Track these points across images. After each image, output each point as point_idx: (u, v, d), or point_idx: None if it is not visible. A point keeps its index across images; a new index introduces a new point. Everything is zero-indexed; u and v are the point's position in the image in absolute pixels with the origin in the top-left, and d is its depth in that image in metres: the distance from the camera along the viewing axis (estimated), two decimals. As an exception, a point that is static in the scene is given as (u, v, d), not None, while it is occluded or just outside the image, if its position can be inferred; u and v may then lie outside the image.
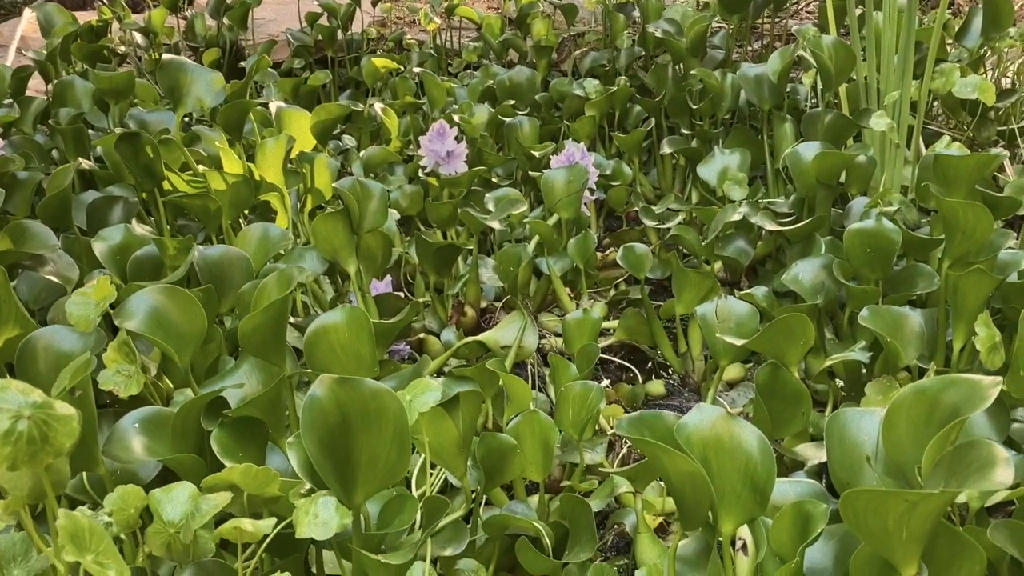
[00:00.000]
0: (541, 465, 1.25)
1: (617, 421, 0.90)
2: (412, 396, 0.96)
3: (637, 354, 1.80)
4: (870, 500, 0.67)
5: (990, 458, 0.69)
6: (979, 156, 1.49)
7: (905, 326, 1.33)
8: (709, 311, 1.41)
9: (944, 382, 0.83)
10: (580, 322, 1.49)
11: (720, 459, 0.89)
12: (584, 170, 1.79)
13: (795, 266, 1.61)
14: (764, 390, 1.24)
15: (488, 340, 1.51)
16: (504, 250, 1.63)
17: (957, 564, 0.76)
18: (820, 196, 1.77)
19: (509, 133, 2.20)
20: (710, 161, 2.01)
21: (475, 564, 1.14)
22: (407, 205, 1.97)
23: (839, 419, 0.94)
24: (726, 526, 0.89)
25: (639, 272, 1.68)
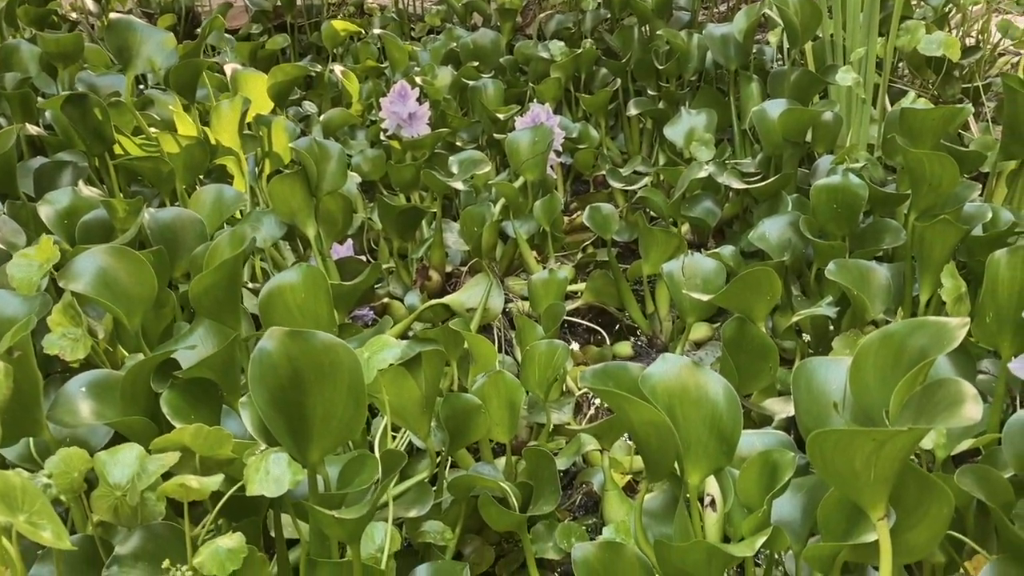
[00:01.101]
0: (507, 426, 1.23)
1: (581, 373, 0.88)
2: (370, 353, 0.93)
3: (605, 316, 1.78)
4: (838, 440, 0.66)
5: (959, 395, 0.68)
6: (945, 109, 1.48)
7: (872, 280, 1.32)
8: (675, 268, 1.39)
9: (911, 325, 0.82)
10: (546, 282, 1.46)
11: (686, 409, 0.87)
12: (549, 130, 1.75)
13: (762, 224, 1.59)
14: (730, 344, 1.23)
15: (453, 303, 1.48)
16: (468, 210, 1.60)
17: (925, 507, 0.75)
18: (787, 154, 1.75)
19: (473, 96, 2.16)
20: (676, 122, 1.99)
21: (440, 526, 1.12)
22: (369, 169, 1.93)
23: (806, 368, 0.92)
24: (693, 477, 0.88)
25: (605, 232, 1.66)
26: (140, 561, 0.76)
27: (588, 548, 0.89)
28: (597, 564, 0.89)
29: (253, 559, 0.75)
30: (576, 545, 0.88)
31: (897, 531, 0.77)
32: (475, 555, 1.20)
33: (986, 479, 0.90)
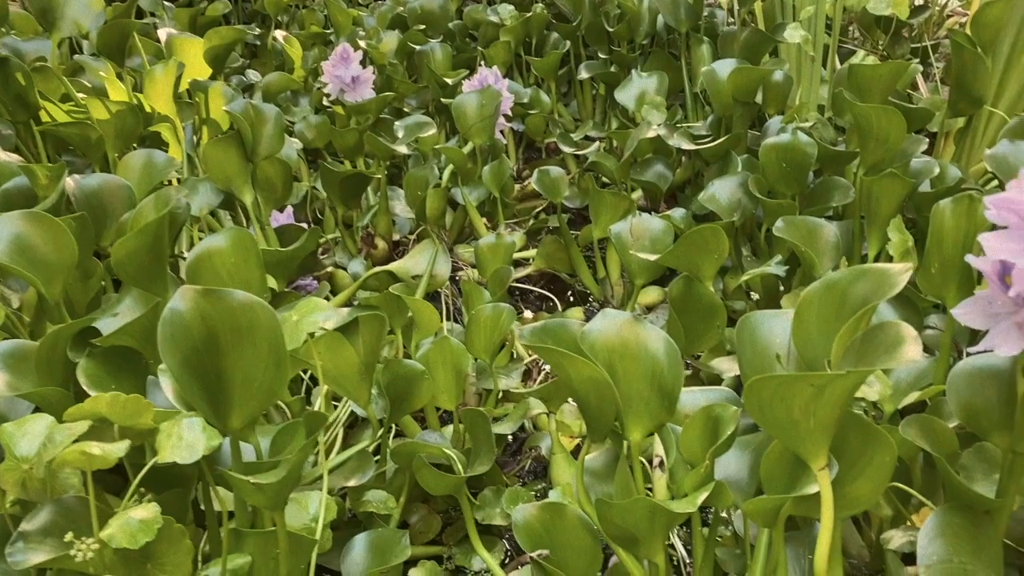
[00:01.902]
0: (453, 393, 1.20)
1: (520, 331, 0.85)
2: (299, 317, 0.89)
3: (557, 283, 1.75)
4: (776, 387, 0.63)
5: (898, 337, 0.66)
6: (892, 64, 1.47)
7: (820, 236, 1.30)
8: (624, 229, 1.36)
9: (854, 273, 0.80)
10: (493, 247, 1.43)
11: (626, 365, 0.85)
12: (496, 93, 1.71)
13: (712, 185, 1.57)
14: (677, 303, 1.20)
15: (398, 270, 1.44)
16: (410, 173, 1.55)
17: (867, 457, 0.74)
18: (737, 114, 1.73)
19: (421, 60, 2.10)
20: (627, 86, 1.96)
21: (384, 495, 1.09)
22: (313, 136, 1.87)
23: (750, 322, 0.90)
24: (634, 434, 0.85)
25: (555, 196, 1.63)
26: (49, 536, 0.72)
27: (528, 511, 0.87)
28: (538, 526, 0.87)
29: (170, 531, 0.71)
30: (517, 508, 0.86)
31: (840, 483, 0.76)
32: (421, 523, 1.17)
33: (931, 430, 0.89)
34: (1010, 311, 0.74)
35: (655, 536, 0.82)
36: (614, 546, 0.85)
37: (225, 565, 0.75)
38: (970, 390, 0.88)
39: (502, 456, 1.32)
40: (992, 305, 0.75)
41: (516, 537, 0.85)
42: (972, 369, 0.88)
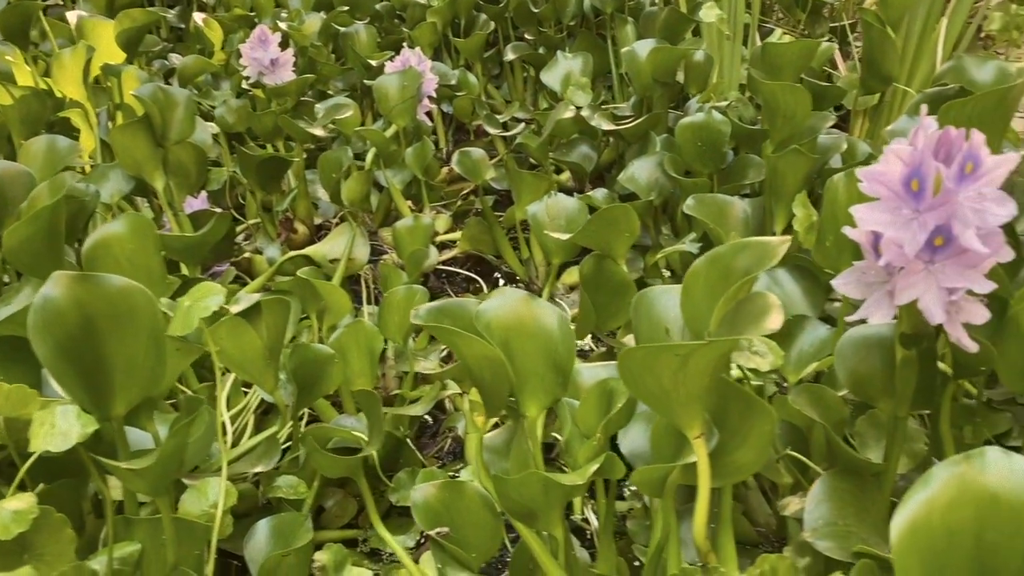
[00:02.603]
0: (369, 376, 1.20)
1: (414, 310, 0.85)
2: (192, 301, 0.87)
3: (484, 265, 1.76)
4: (643, 358, 0.64)
5: (764, 307, 0.67)
6: (804, 42, 1.50)
7: (729, 213, 1.32)
8: (540, 210, 1.37)
9: (737, 247, 0.82)
10: (411, 229, 1.42)
11: (522, 342, 0.85)
12: (417, 74, 1.70)
13: (631, 165, 1.59)
14: (589, 282, 1.22)
15: (315, 254, 1.43)
16: (324, 155, 1.54)
17: (748, 426, 0.75)
18: (657, 94, 1.75)
19: (345, 42, 2.08)
20: (553, 67, 1.96)
21: (294, 480, 1.08)
22: (234, 120, 1.84)
23: (645, 297, 0.92)
24: (531, 410, 0.86)
25: (476, 177, 1.62)
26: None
27: (427, 490, 0.87)
28: (437, 505, 0.87)
29: (49, 521, 0.70)
30: (415, 488, 0.86)
31: (723, 452, 0.77)
32: (337, 507, 1.17)
33: (820, 398, 0.91)
34: (883, 280, 0.77)
35: (552, 509, 0.83)
36: (514, 521, 0.86)
37: (112, 553, 0.74)
38: (856, 359, 0.90)
39: (422, 438, 1.32)
40: (867, 275, 0.78)
41: (415, 517, 0.86)
42: (858, 338, 0.91)
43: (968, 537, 0.54)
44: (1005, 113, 1.12)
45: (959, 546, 0.55)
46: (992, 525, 0.54)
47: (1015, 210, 0.71)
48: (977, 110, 1.10)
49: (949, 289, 0.74)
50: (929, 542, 0.55)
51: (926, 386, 0.86)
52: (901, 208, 0.74)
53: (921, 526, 0.55)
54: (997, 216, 0.72)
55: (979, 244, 0.71)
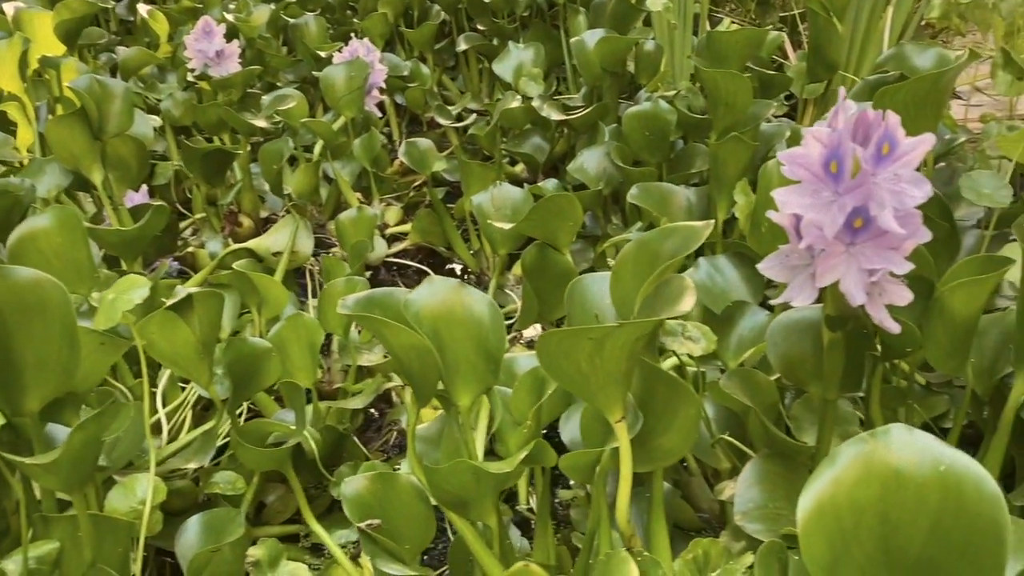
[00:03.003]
0: (309, 369, 1.19)
1: (342, 301, 0.84)
2: (116, 294, 0.86)
3: (435, 257, 1.75)
4: (560, 342, 0.64)
5: (679, 290, 0.67)
6: (748, 31, 1.50)
7: (673, 202, 1.33)
8: (485, 200, 1.36)
9: (664, 232, 0.82)
10: (355, 220, 1.41)
11: (453, 330, 0.85)
12: (365, 65, 1.68)
13: (581, 155, 1.59)
14: (531, 271, 1.21)
15: (257, 247, 1.41)
16: (265, 147, 1.52)
17: (673, 410, 0.76)
18: (606, 84, 1.74)
19: (294, 33, 2.05)
20: (505, 58, 1.95)
21: (232, 476, 1.06)
22: (180, 113, 1.81)
23: (579, 284, 0.92)
24: (463, 399, 0.85)
25: (424, 168, 1.61)
26: None
27: (358, 482, 0.86)
28: (369, 497, 0.86)
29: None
30: (346, 481, 0.85)
31: (649, 436, 0.77)
32: (279, 502, 1.16)
33: (753, 383, 0.92)
34: (806, 263, 0.77)
35: (484, 499, 0.82)
36: (446, 511, 0.85)
37: (27, 552, 0.72)
38: (787, 343, 0.91)
39: (367, 432, 1.31)
40: (790, 258, 0.78)
41: (345, 510, 0.85)
42: (789, 322, 0.91)
43: (874, 515, 0.55)
44: (939, 97, 1.13)
45: (865, 524, 0.55)
46: (897, 502, 0.54)
47: (931, 191, 0.72)
48: (911, 95, 1.11)
49: (869, 270, 0.74)
50: (835, 520, 0.55)
51: (855, 368, 0.86)
52: (821, 190, 0.74)
53: (827, 504, 0.55)
54: (914, 197, 0.72)
55: (896, 225, 0.71)
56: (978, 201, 1.14)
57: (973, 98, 1.92)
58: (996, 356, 0.94)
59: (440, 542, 1.12)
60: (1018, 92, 1.62)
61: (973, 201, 1.14)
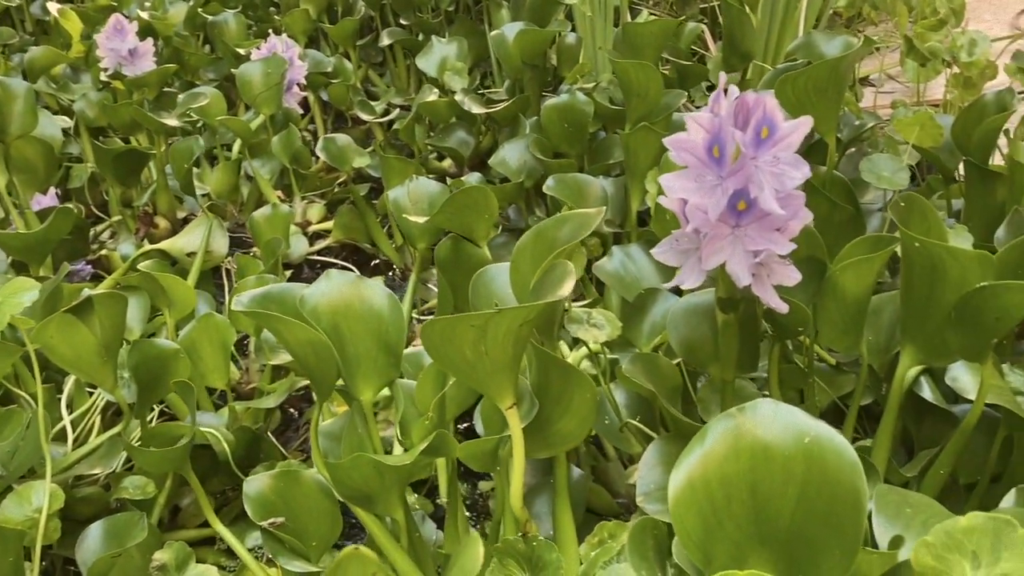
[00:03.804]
0: (222, 370, 1.17)
1: (236, 298, 0.83)
2: (3, 298, 0.83)
3: (360, 254, 1.73)
4: (442, 330, 0.64)
5: (562, 275, 0.68)
6: (661, 22, 1.52)
7: (589, 192, 1.34)
8: (401, 194, 1.36)
9: (560, 220, 0.82)
10: (268, 218, 1.39)
11: (352, 324, 0.84)
12: (282, 61, 1.66)
13: (502, 148, 1.59)
14: (445, 265, 1.21)
15: (170, 248, 1.38)
16: (175, 145, 1.49)
17: (569, 395, 0.76)
18: (527, 77, 1.75)
19: (213, 31, 2.02)
20: (428, 52, 1.94)
21: (142, 480, 1.04)
22: (95, 114, 1.76)
23: (483, 275, 0.92)
24: (365, 393, 0.85)
25: (343, 164, 1.60)
26: None
27: (261, 480, 0.85)
28: (272, 495, 0.86)
29: None
30: (248, 480, 0.84)
31: (547, 422, 0.78)
32: (194, 506, 1.14)
33: (655, 367, 0.93)
34: (696, 247, 0.78)
35: (389, 492, 0.82)
36: (352, 506, 0.85)
37: (-94, 567, 0.70)
38: (688, 327, 0.92)
39: (287, 432, 1.30)
40: (680, 243, 0.79)
41: (247, 509, 0.84)
42: (688, 307, 0.93)
43: (744, 489, 0.56)
44: (839, 84, 1.16)
45: (736, 498, 0.56)
46: (766, 475, 0.56)
47: (809, 172, 0.73)
48: (811, 81, 1.13)
49: (754, 252, 0.76)
50: (707, 495, 0.56)
51: (751, 349, 0.88)
52: (705, 175, 0.75)
53: (698, 480, 0.56)
54: (793, 178, 0.74)
55: (776, 206, 0.72)
56: (878, 184, 1.17)
57: (886, 85, 1.97)
58: (891, 333, 0.97)
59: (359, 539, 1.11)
60: (925, 78, 1.68)
61: (873, 184, 1.17)
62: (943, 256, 0.74)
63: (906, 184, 1.16)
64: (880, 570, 0.59)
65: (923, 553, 0.47)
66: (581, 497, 0.98)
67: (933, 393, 0.93)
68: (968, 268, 0.73)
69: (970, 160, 1.12)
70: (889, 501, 0.67)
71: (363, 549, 0.74)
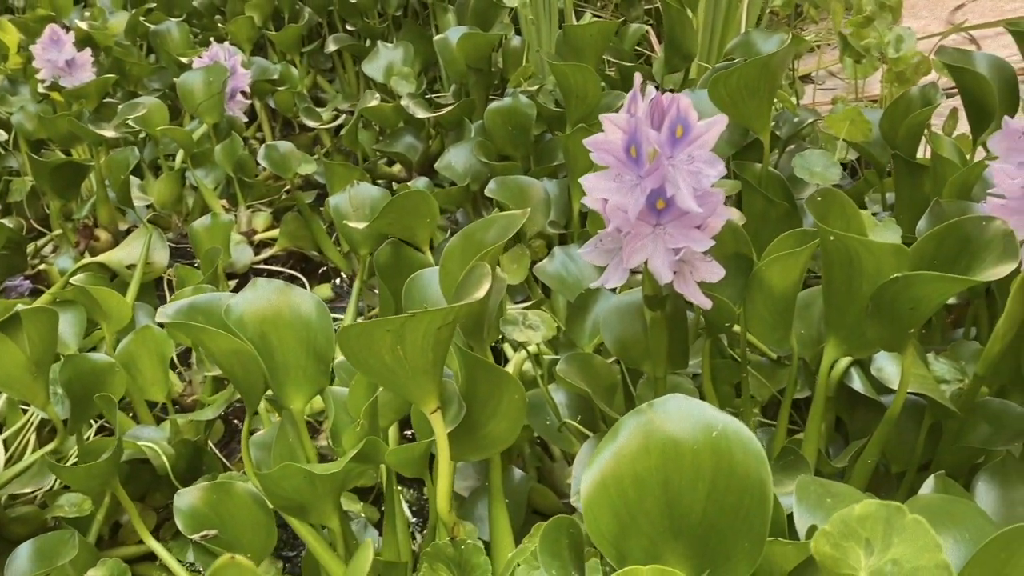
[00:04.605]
0: (162, 383, 1.16)
1: (161, 310, 0.82)
2: (-80, 315, 0.81)
3: (308, 262, 1.72)
4: (359, 335, 0.64)
5: (480, 278, 0.68)
6: (601, 24, 1.53)
7: (531, 194, 1.34)
8: (342, 200, 1.35)
9: (486, 222, 0.83)
10: (208, 227, 1.38)
11: (281, 333, 0.84)
12: (223, 69, 1.64)
13: (448, 152, 1.59)
14: (385, 270, 1.21)
15: (109, 261, 1.36)
16: (110, 156, 1.47)
17: (497, 397, 0.76)
18: (472, 81, 1.75)
19: (156, 41, 1.99)
20: (375, 58, 1.94)
21: (78, 498, 1.03)
22: (34, 127, 1.73)
23: (416, 279, 0.92)
24: (296, 401, 0.84)
25: (286, 172, 1.59)
26: None
27: (192, 493, 0.84)
28: (204, 507, 0.85)
29: None
30: (178, 494, 0.83)
31: (476, 425, 0.78)
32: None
33: (590, 366, 0.93)
34: (619, 246, 0.79)
35: (322, 501, 0.81)
36: (286, 516, 0.84)
37: None
38: (620, 325, 0.93)
39: (232, 443, 1.29)
40: (604, 242, 0.80)
41: (178, 523, 0.83)
42: (621, 305, 0.94)
43: (656, 484, 0.56)
44: (770, 81, 1.17)
45: (648, 493, 0.56)
46: (676, 470, 0.56)
47: (724, 170, 0.74)
48: (742, 80, 1.14)
49: (675, 249, 0.77)
50: (619, 492, 0.56)
51: (680, 345, 0.89)
52: (624, 174, 0.76)
53: (610, 477, 0.56)
54: (709, 176, 0.75)
55: (694, 204, 0.73)
56: (810, 179, 1.19)
57: (828, 82, 2.00)
58: (821, 326, 0.99)
59: (302, 548, 1.10)
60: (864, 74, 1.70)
61: (806, 179, 1.19)
62: (858, 249, 0.75)
63: (837, 179, 1.18)
64: (795, 561, 0.59)
65: (822, 542, 0.48)
66: (522, 498, 0.98)
67: (863, 384, 0.94)
68: (883, 260, 0.75)
69: (898, 154, 1.14)
70: (810, 492, 0.68)
71: (239, 558, 0.73)
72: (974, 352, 0.93)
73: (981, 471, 0.83)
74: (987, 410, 0.88)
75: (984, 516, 0.66)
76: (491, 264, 0.78)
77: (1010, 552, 0.56)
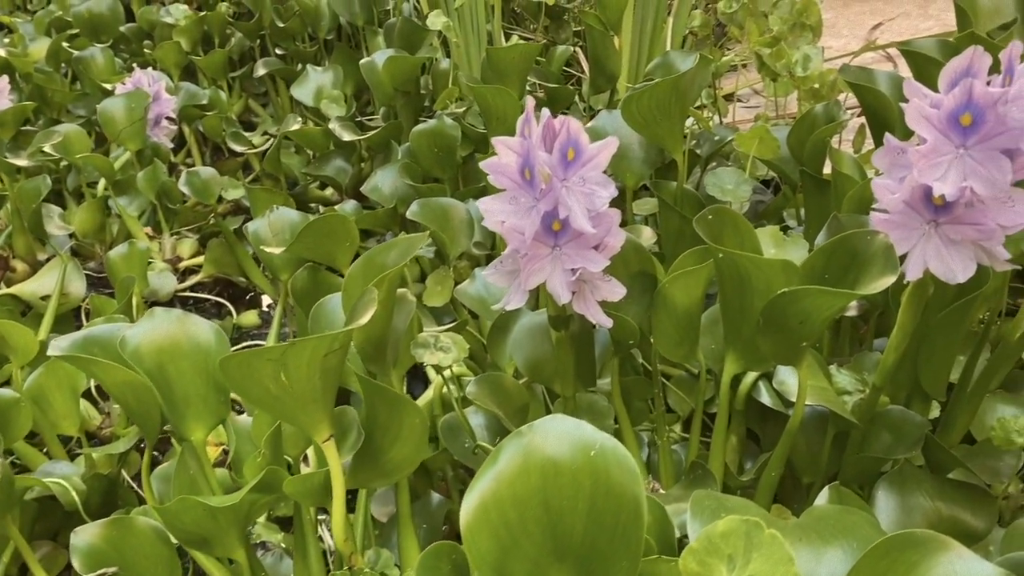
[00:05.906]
0: (74, 416, 1.13)
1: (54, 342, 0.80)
2: None
3: (234, 288, 1.70)
4: (239, 364, 0.63)
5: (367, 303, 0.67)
6: (523, 46, 1.54)
7: (453, 215, 1.34)
8: (261, 226, 1.34)
9: (388, 245, 0.83)
10: (125, 256, 1.35)
11: (179, 364, 0.82)
12: (144, 95, 1.62)
13: (375, 175, 1.59)
14: (301, 296, 1.20)
15: (21, 292, 1.33)
16: (20, 185, 1.44)
17: (398, 422, 0.76)
18: (400, 103, 1.76)
19: (80, 67, 1.96)
20: (304, 81, 1.94)
21: (-18, 538, 0.99)
22: (-51, 157, 1.69)
23: (322, 305, 0.92)
24: (196, 432, 0.83)
25: (208, 197, 1.57)
26: None
27: (89, 531, 0.82)
28: (103, 544, 0.82)
29: None
30: (75, 532, 0.81)
31: (380, 450, 0.77)
32: (46, 560, 1.09)
33: (500, 387, 0.93)
34: (519, 267, 0.79)
35: (226, 534, 0.80)
36: (190, 550, 0.83)
37: None
38: (531, 345, 0.93)
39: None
40: (504, 264, 0.80)
41: (74, 562, 0.81)
42: (531, 325, 0.94)
43: (537, 506, 0.56)
44: (682, 101, 1.19)
45: (530, 516, 0.56)
46: (556, 491, 0.56)
47: (615, 191, 0.75)
48: (654, 100, 1.16)
49: (573, 270, 0.77)
50: (500, 516, 0.56)
51: (587, 364, 0.90)
52: (520, 197, 0.76)
53: (490, 501, 0.56)
54: (602, 197, 0.76)
55: (587, 225, 0.74)
56: (722, 197, 1.21)
57: (752, 100, 2.04)
58: (728, 341, 1.00)
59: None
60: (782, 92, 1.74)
61: (718, 197, 1.21)
62: (747, 266, 0.76)
63: (747, 196, 1.20)
64: (680, 577, 0.60)
65: (689, 559, 0.48)
66: (438, 523, 0.98)
67: (771, 397, 0.96)
68: (772, 276, 0.76)
69: (805, 170, 1.16)
70: (705, 506, 0.68)
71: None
72: (876, 363, 0.95)
73: (880, 480, 0.85)
74: (888, 419, 0.90)
75: (874, 525, 0.67)
76: (393, 287, 0.78)
77: (890, 560, 0.58)
